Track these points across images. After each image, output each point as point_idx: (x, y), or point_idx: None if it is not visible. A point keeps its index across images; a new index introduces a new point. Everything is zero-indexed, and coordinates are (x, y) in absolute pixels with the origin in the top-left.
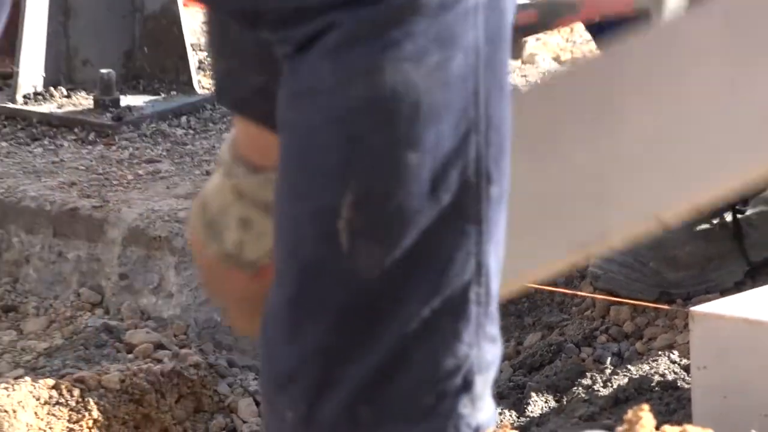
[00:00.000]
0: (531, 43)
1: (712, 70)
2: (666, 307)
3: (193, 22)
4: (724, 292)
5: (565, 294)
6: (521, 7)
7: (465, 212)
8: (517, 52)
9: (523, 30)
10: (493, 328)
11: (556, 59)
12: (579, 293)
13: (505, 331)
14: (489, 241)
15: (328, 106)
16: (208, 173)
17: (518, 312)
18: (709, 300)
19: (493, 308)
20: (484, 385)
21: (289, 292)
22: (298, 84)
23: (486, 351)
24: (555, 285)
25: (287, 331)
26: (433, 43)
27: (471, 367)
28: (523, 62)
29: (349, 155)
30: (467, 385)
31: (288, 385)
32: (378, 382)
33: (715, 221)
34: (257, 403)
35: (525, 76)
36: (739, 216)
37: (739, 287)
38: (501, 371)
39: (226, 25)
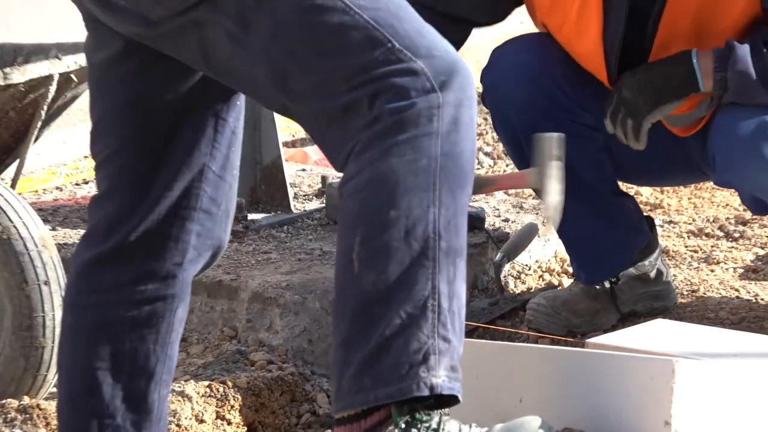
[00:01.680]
0: None
1: None
2: (571, 339)
3: (290, 170)
4: (605, 331)
5: (511, 331)
6: None
7: (425, 253)
8: None
9: None
10: (445, 332)
11: (507, 191)
12: (519, 331)
13: None
14: (441, 274)
15: (351, 187)
16: (299, 260)
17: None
18: (597, 336)
19: (445, 318)
20: (437, 362)
21: (333, 306)
22: (342, 180)
23: (439, 343)
24: (505, 326)
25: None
26: (409, 148)
27: (428, 350)
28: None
29: (360, 212)
30: (425, 360)
31: (332, 371)
32: (373, 361)
33: (598, 287)
34: (328, 396)
35: (488, 202)
36: (614, 285)
37: (613, 328)
38: None
39: None
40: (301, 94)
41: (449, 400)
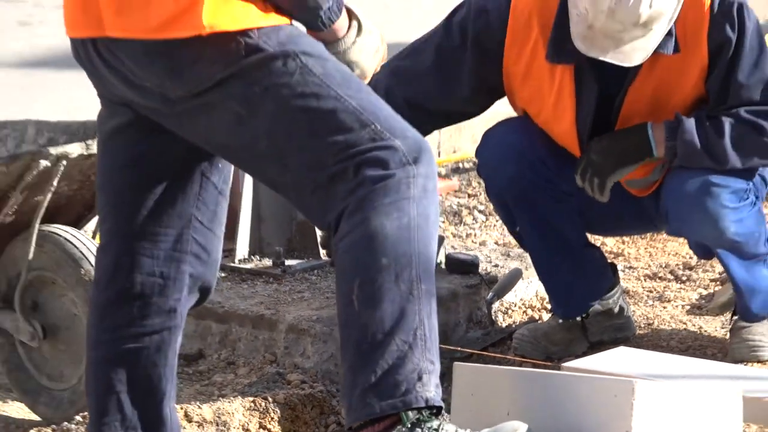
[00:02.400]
0: (483, 235)
1: None
2: (549, 363)
3: None
4: (577, 357)
5: (500, 357)
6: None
7: (412, 293)
8: None
9: None
10: (431, 356)
11: (496, 242)
12: (507, 356)
13: None
14: (424, 309)
15: (345, 245)
16: (327, 298)
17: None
18: (570, 360)
19: (430, 345)
20: (428, 380)
21: (340, 338)
22: (337, 236)
23: (427, 365)
24: (495, 353)
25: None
26: (394, 209)
27: (421, 370)
28: (480, 244)
29: (356, 262)
30: (420, 378)
31: (342, 392)
32: (378, 382)
33: (571, 321)
34: None
35: (481, 251)
36: (584, 319)
37: (584, 354)
38: None
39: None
40: (293, 168)
41: (436, 412)
